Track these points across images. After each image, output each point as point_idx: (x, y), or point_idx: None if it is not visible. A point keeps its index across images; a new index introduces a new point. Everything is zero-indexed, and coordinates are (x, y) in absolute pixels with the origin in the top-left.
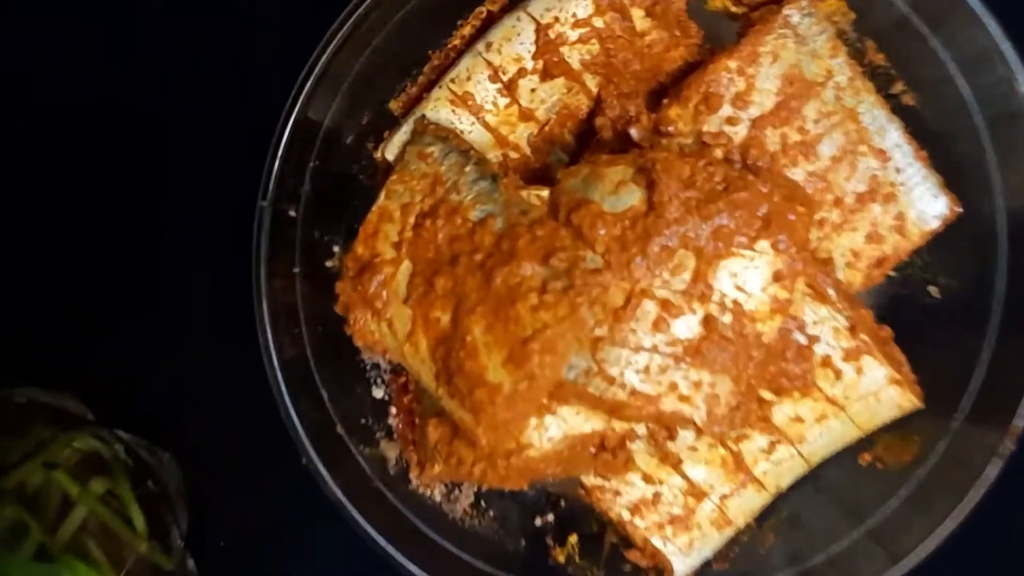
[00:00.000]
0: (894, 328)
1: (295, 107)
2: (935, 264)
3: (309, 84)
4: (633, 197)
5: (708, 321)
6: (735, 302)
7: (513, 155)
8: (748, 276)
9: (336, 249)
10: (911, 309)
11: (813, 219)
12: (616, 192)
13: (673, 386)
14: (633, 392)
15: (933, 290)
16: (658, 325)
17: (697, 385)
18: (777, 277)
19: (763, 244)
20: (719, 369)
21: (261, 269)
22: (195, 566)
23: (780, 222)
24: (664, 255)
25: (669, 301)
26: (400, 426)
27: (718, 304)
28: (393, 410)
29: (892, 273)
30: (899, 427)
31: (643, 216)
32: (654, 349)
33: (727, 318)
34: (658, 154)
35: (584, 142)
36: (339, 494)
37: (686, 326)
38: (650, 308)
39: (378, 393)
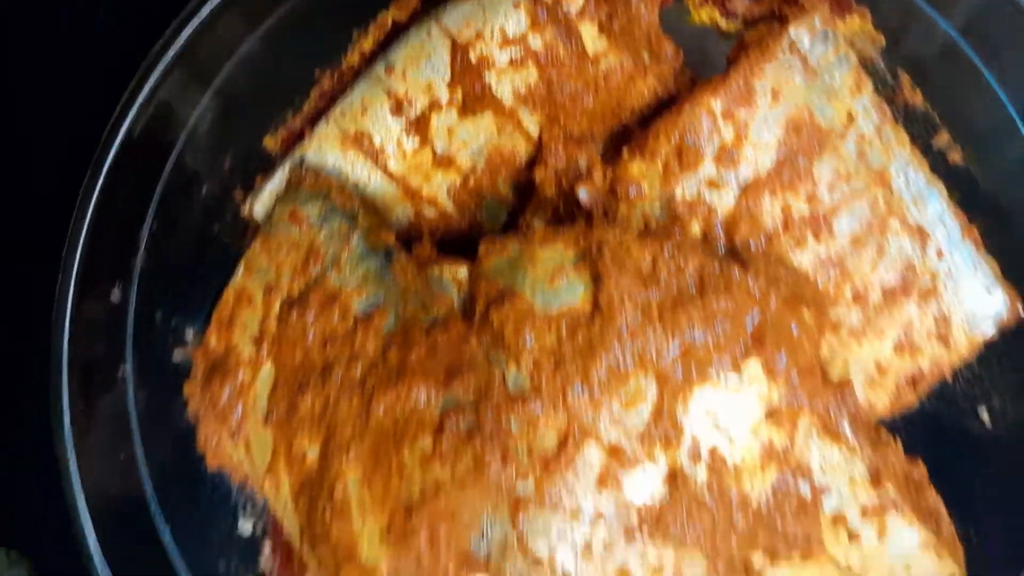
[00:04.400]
0: (929, 462)
1: (113, 142)
2: (987, 380)
3: (138, 104)
4: (574, 293)
5: (674, 477)
6: (713, 450)
7: (429, 211)
8: (731, 413)
9: (189, 336)
10: (953, 438)
11: (825, 326)
12: (552, 283)
13: (624, 572)
14: None
15: (984, 415)
16: (604, 482)
17: (657, 571)
18: (772, 414)
19: (753, 367)
20: (689, 545)
21: (62, 380)
22: None
23: (778, 336)
24: (614, 380)
25: (620, 448)
26: (278, 567)
27: (689, 453)
28: (268, 546)
29: None
30: None
31: (587, 321)
32: (598, 517)
33: (701, 473)
34: (607, 234)
35: (525, 192)
36: None
37: (643, 484)
38: (594, 457)
39: (246, 526)
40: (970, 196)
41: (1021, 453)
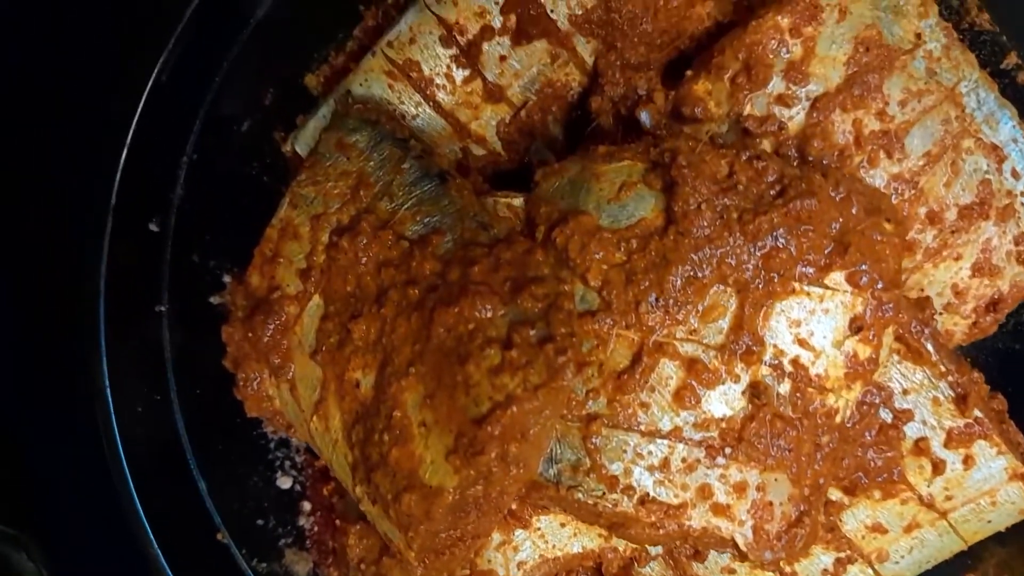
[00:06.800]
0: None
1: (156, 73)
2: None
3: (176, 37)
4: (644, 206)
5: (757, 392)
6: (796, 363)
7: (477, 150)
8: (816, 325)
9: (227, 280)
10: None
11: (905, 240)
12: (619, 199)
13: (705, 491)
14: (645, 500)
15: None
16: (682, 398)
17: (740, 489)
18: (857, 326)
19: (836, 277)
20: (773, 465)
21: (99, 305)
22: None
23: (862, 245)
24: (691, 292)
25: (699, 361)
26: (316, 529)
27: (771, 367)
28: (307, 506)
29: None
30: (1018, 536)
31: (659, 234)
32: (676, 434)
33: (785, 387)
34: (681, 142)
35: (576, 134)
36: None
37: (724, 400)
38: (670, 372)
39: (285, 483)
40: None
41: None
